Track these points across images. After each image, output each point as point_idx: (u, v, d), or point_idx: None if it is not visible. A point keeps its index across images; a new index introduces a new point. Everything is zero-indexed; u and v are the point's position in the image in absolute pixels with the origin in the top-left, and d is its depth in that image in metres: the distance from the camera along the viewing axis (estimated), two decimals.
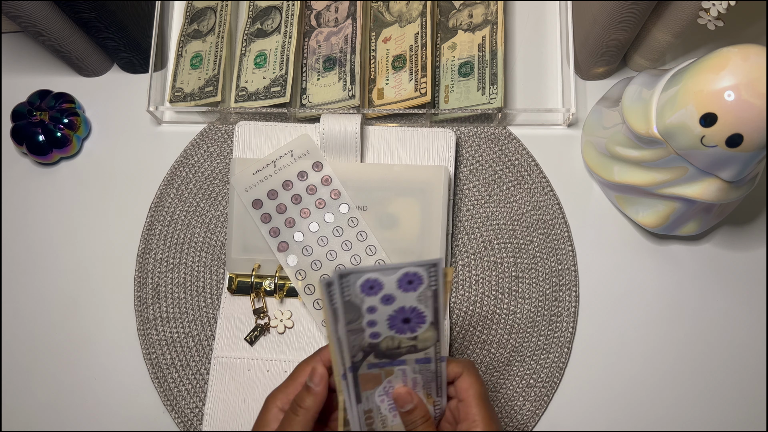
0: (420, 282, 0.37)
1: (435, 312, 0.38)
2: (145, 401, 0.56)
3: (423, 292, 0.37)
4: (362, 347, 0.39)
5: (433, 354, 0.40)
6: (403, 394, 0.41)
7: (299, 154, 0.55)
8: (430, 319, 0.38)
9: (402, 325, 0.38)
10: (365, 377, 0.40)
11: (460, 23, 0.59)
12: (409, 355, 0.40)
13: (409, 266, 0.36)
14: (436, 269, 0.36)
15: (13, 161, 0.62)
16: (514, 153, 0.59)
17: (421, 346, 0.40)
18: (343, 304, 0.36)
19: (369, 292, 0.36)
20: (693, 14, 0.50)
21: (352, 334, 0.38)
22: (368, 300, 0.37)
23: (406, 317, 0.38)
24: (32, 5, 0.53)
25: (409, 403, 0.41)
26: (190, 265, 0.58)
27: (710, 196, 0.47)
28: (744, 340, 0.55)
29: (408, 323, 0.38)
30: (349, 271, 0.35)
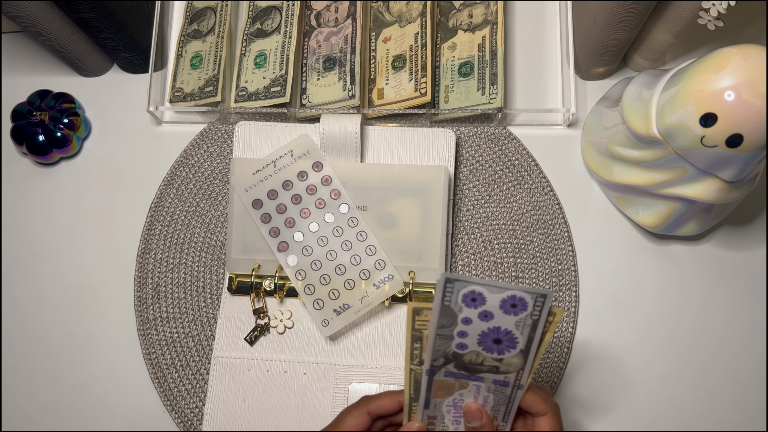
0: (524, 308, 0.36)
1: (528, 341, 0.38)
2: (145, 401, 0.56)
3: (523, 319, 0.37)
4: (446, 354, 0.39)
5: (513, 380, 0.40)
6: (474, 410, 0.41)
7: (299, 154, 0.55)
8: (521, 347, 0.38)
9: (492, 344, 0.38)
10: (439, 384, 0.40)
11: (460, 23, 0.59)
12: (489, 374, 0.40)
13: (518, 290, 0.36)
14: (543, 300, 0.36)
15: (13, 161, 0.62)
16: (514, 153, 0.59)
17: (504, 369, 0.39)
18: (441, 307, 0.36)
19: (470, 304, 0.36)
20: (693, 14, 0.50)
21: (440, 339, 0.38)
22: (466, 311, 0.36)
23: (498, 338, 0.38)
24: (32, 5, 0.53)
25: (478, 420, 0.41)
26: (190, 265, 0.58)
27: (710, 196, 0.47)
28: (744, 340, 0.55)
29: (498, 344, 0.38)
30: (457, 278, 0.35)
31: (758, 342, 0.55)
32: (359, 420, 0.42)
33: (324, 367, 0.54)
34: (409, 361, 0.40)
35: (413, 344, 0.40)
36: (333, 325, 0.53)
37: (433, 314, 0.37)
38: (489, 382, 0.40)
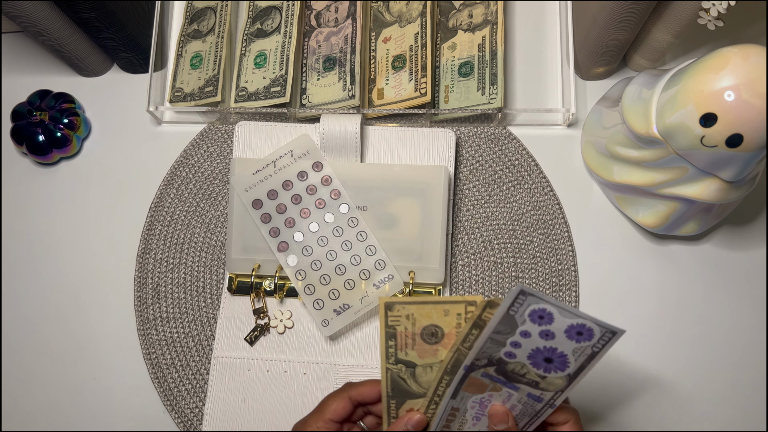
0: (588, 339, 0.36)
1: (579, 369, 0.37)
2: (145, 401, 0.56)
3: (583, 348, 0.36)
4: (490, 357, 0.38)
5: (548, 398, 0.39)
6: (501, 413, 0.41)
7: (299, 154, 0.55)
8: (569, 371, 0.37)
9: (542, 362, 0.37)
10: (473, 381, 0.40)
11: (460, 23, 0.59)
12: (527, 387, 0.39)
13: (589, 320, 0.35)
14: (611, 337, 0.35)
15: (13, 161, 0.62)
16: (514, 153, 0.59)
17: (544, 386, 0.39)
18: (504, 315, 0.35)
19: (535, 320, 0.35)
20: (693, 14, 0.50)
21: (491, 342, 0.37)
22: (529, 325, 0.36)
23: (550, 358, 0.37)
24: (32, 5, 0.53)
25: (504, 423, 0.41)
26: (190, 265, 0.58)
27: (710, 196, 0.47)
28: (744, 340, 0.55)
29: (548, 363, 0.37)
30: (532, 292, 0.34)
31: (758, 342, 0.55)
32: (341, 405, 0.42)
33: (324, 367, 0.54)
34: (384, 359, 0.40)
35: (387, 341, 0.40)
36: (333, 325, 0.53)
37: (494, 318, 0.36)
38: (523, 394, 0.40)
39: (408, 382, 0.41)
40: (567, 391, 0.38)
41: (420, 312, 0.40)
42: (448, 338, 0.40)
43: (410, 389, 0.41)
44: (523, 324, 0.36)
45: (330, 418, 0.42)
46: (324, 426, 0.42)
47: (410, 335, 0.40)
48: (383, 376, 0.41)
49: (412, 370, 0.41)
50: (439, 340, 0.40)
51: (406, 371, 0.41)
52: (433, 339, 0.40)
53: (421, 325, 0.40)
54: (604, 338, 0.35)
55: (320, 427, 0.42)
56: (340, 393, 0.43)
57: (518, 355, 0.37)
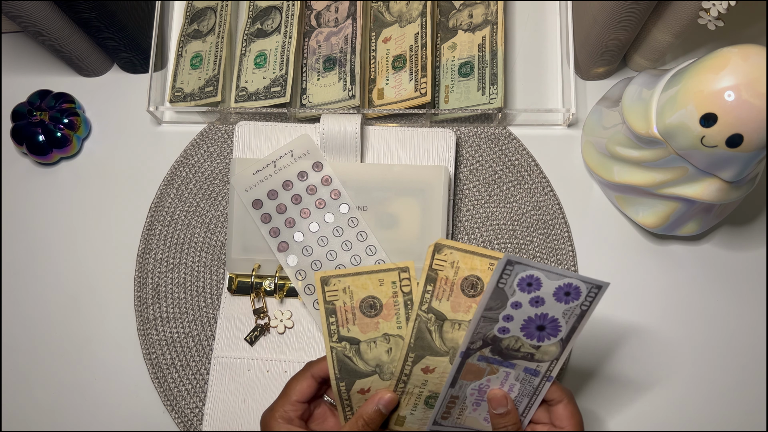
0: (576, 297, 0.36)
1: (571, 331, 0.38)
2: (145, 401, 0.56)
3: (572, 308, 0.37)
4: (485, 337, 0.39)
5: (545, 369, 0.40)
6: (499, 397, 0.41)
7: (299, 154, 0.55)
8: (562, 335, 0.38)
9: (534, 330, 0.38)
10: (470, 367, 0.40)
11: (460, 23, 0.59)
12: (522, 361, 0.40)
13: (575, 278, 0.36)
14: (597, 291, 0.36)
15: (13, 161, 0.62)
16: (514, 153, 0.59)
17: (539, 357, 0.39)
18: (494, 289, 0.36)
19: (524, 288, 0.36)
20: (693, 14, 0.50)
21: (484, 321, 0.37)
22: (519, 295, 0.36)
23: (543, 325, 0.38)
24: (32, 5, 0.53)
25: (503, 407, 0.41)
26: (190, 265, 0.58)
27: (710, 196, 0.47)
28: (744, 340, 0.55)
29: (541, 331, 0.38)
30: (518, 260, 0.35)
31: (758, 342, 0.55)
32: (305, 384, 0.42)
33: None
34: (327, 338, 0.40)
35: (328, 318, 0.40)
36: None
37: (484, 296, 0.36)
38: (520, 370, 0.40)
39: (354, 360, 0.41)
40: (561, 358, 0.39)
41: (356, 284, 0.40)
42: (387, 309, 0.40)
43: (357, 368, 0.41)
44: (513, 295, 0.36)
45: (297, 399, 0.42)
46: (292, 409, 0.42)
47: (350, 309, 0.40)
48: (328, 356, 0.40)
49: (356, 347, 0.41)
50: (378, 312, 0.40)
51: (351, 348, 0.41)
52: (372, 311, 0.40)
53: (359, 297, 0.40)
54: (591, 294, 0.36)
55: (288, 411, 0.42)
56: (303, 373, 0.43)
57: (512, 329, 0.38)
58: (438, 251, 0.39)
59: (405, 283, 0.40)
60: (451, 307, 0.40)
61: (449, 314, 0.40)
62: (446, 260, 0.39)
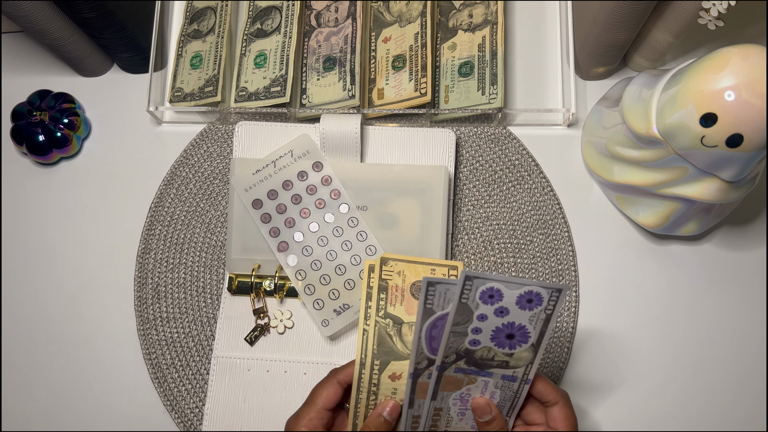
0: (539, 303, 0.37)
1: (540, 335, 0.38)
2: (145, 401, 0.56)
3: (537, 313, 0.37)
4: (458, 350, 0.39)
5: (521, 374, 0.40)
6: (482, 405, 0.42)
7: (299, 154, 0.55)
8: (532, 341, 0.39)
9: (504, 339, 0.39)
10: (448, 379, 0.41)
11: (460, 23, 0.59)
12: (499, 369, 0.40)
13: (534, 285, 0.36)
14: (558, 295, 0.37)
15: (13, 161, 0.62)
16: (514, 153, 0.59)
17: (513, 363, 0.40)
18: (458, 305, 0.36)
19: (487, 301, 0.37)
20: (693, 14, 0.50)
21: (454, 336, 0.38)
22: (483, 308, 0.37)
23: (512, 333, 0.38)
24: (32, 5, 0.53)
25: (488, 414, 0.42)
26: (190, 265, 0.58)
27: (710, 196, 0.47)
28: (744, 340, 0.55)
29: (510, 339, 0.39)
30: (476, 275, 0.35)
31: (758, 342, 0.55)
32: (331, 391, 0.42)
33: (324, 367, 0.54)
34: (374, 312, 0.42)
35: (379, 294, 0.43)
36: (333, 325, 0.53)
37: (450, 312, 0.37)
38: (497, 378, 0.41)
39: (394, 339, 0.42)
40: (536, 361, 0.40)
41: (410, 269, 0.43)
42: None
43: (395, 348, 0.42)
44: (477, 308, 0.37)
45: (323, 407, 0.42)
46: (317, 416, 0.42)
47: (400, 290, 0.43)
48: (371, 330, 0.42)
49: (398, 327, 0.42)
50: None
51: (393, 327, 0.42)
52: None
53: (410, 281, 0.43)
54: (553, 298, 0.37)
55: (313, 419, 0.42)
56: (329, 380, 0.43)
57: (482, 341, 0.39)
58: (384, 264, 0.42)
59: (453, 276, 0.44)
60: (406, 310, 0.42)
61: (405, 317, 0.42)
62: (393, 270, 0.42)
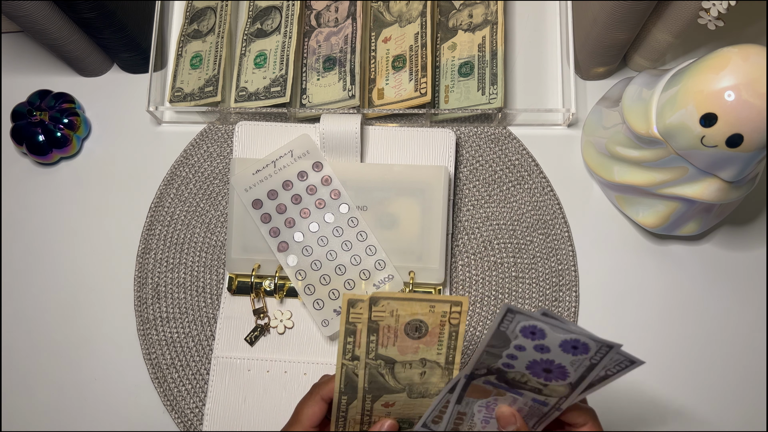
0: (585, 352, 0.35)
1: (580, 378, 0.37)
2: (145, 401, 0.56)
3: (581, 360, 0.35)
4: (489, 367, 0.38)
5: (554, 403, 0.39)
6: (507, 415, 0.40)
7: (299, 154, 0.55)
8: (570, 380, 0.37)
9: (541, 372, 0.37)
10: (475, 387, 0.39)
11: (460, 23, 0.59)
12: (530, 392, 0.39)
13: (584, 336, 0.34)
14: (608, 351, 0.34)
15: (13, 161, 0.62)
16: (514, 153, 0.59)
17: (547, 392, 0.38)
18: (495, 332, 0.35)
19: (528, 335, 0.35)
20: (693, 14, 0.50)
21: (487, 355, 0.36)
22: (521, 340, 0.35)
23: (549, 368, 0.36)
24: (32, 5, 0.53)
25: (512, 425, 0.40)
26: (190, 265, 0.58)
27: (710, 196, 0.47)
28: (744, 340, 0.55)
29: (548, 373, 0.37)
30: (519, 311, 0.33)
31: (758, 342, 0.55)
32: (316, 408, 0.41)
33: (324, 368, 0.54)
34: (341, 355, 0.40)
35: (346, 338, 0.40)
36: (333, 325, 0.53)
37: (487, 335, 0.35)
38: (528, 398, 0.39)
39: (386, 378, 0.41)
40: (571, 397, 0.38)
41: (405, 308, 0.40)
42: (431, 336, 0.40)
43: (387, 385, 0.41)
44: (515, 339, 0.35)
45: (309, 425, 0.41)
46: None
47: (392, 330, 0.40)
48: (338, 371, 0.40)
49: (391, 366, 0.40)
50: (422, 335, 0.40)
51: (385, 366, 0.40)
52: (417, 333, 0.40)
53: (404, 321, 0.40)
54: (601, 352, 0.35)
55: None
56: (311, 397, 0.42)
57: (516, 366, 0.37)
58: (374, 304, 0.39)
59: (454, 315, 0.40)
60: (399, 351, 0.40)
61: (398, 357, 0.40)
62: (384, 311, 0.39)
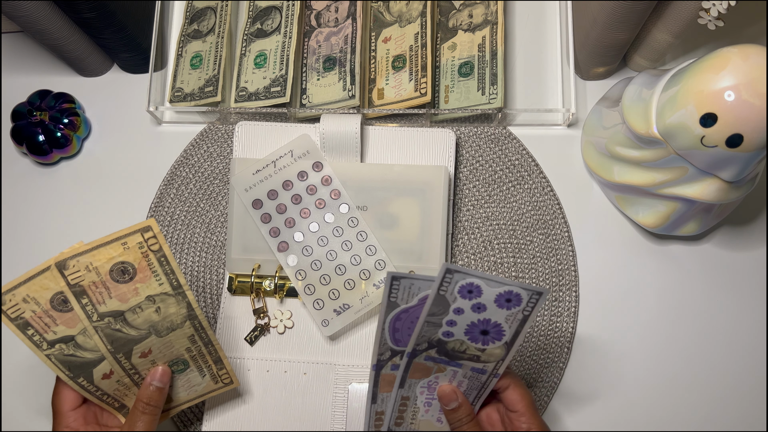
0: (518, 304, 0.37)
1: (515, 335, 0.39)
2: None
3: (514, 314, 0.37)
4: (430, 339, 0.39)
5: (491, 368, 0.41)
6: (449, 393, 0.42)
7: (299, 154, 0.55)
8: (506, 339, 0.39)
9: (478, 335, 0.39)
10: (417, 366, 0.41)
11: (460, 23, 0.59)
12: (469, 362, 0.40)
13: (515, 286, 0.36)
14: (538, 298, 0.37)
15: (13, 161, 0.62)
16: (514, 153, 0.59)
17: (485, 358, 0.40)
18: (436, 296, 0.36)
19: (465, 295, 0.37)
20: (693, 14, 0.50)
21: (428, 326, 0.38)
22: (460, 301, 0.37)
23: (486, 330, 0.38)
24: (32, 5, 0.53)
25: (454, 401, 0.42)
26: (190, 265, 0.58)
27: (710, 196, 0.47)
28: (744, 340, 0.55)
29: (485, 335, 0.39)
30: (457, 269, 0.35)
31: (758, 342, 0.55)
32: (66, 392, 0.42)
33: (324, 367, 0.54)
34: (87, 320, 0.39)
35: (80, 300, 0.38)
36: (333, 325, 0.53)
37: (427, 302, 0.37)
38: (467, 369, 0.41)
39: (125, 330, 0.39)
40: (507, 358, 0.40)
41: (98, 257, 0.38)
42: (141, 271, 0.39)
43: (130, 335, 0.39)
44: (454, 301, 0.37)
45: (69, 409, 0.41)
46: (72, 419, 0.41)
47: (101, 284, 0.38)
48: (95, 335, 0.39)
49: (122, 318, 0.39)
50: (133, 276, 0.39)
51: (117, 321, 0.39)
52: (126, 276, 0.38)
53: (106, 269, 0.38)
54: (532, 301, 0.37)
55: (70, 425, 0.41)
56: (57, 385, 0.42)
57: (455, 333, 0.39)
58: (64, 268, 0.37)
59: (152, 242, 0.38)
60: (120, 300, 0.39)
61: (123, 307, 0.39)
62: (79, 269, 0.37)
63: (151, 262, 0.39)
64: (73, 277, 0.37)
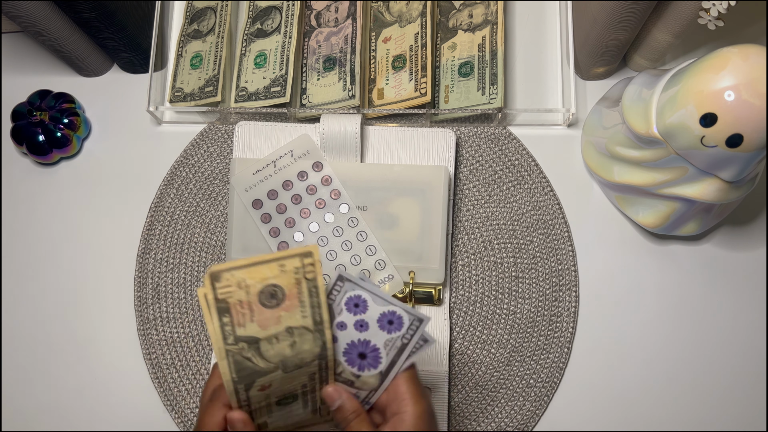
0: (399, 328, 0.37)
1: (390, 365, 0.38)
2: (145, 401, 0.56)
3: (393, 339, 0.37)
4: None
5: (363, 397, 0.40)
6: (331, 392, 0.40)
7: (299, 154, 0.55)
8: (381, 369, 0.38)
9: (356, 357, 0.38)
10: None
11: (460, 23, 0.59)
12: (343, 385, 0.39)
13: (400, 307, 0.36)
14: (418, 325, 0.36)
15: (13, 161, 0.62)
16: (514, 153, 0.59)
17: (358, 385, 0.39)
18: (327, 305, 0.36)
19: (351, 309, 0.37)
20: (693, 14, 0.50)
21: None
22: (345, 315, 0.37)
23: (364, 353, 0.38)
24: (32, 5, 0.53)
25: (338, 400, 0.40)
26: (190, 265, 0.58)
27: (710, 196, 0.47)
28: (744, 340, 0.55)
29: (362, 359, 0.38)
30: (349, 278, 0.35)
31: (758, 342, 0.55)
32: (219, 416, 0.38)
33: None
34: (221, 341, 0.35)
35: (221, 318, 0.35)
36: None
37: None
38: None
39: (254, 360, 0.36)
40: (380, 390, 0.39)
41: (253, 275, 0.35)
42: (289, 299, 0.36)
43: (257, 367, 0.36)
44: (339, 314, 0.37)
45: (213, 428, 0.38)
46: None
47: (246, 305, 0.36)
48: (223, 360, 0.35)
49: (256, 346, 0.36)
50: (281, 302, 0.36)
51: (250, 349, 0.36)
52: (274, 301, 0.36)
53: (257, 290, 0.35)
54: (412, 327, 0.37)
55: None
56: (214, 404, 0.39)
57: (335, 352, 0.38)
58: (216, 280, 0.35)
59: (309, 269, 0.36)
60: (259, 326, 0.36)
61: (261, 334, 0.36)
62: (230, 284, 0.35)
63: (301, 290, 0.36)
64: (222, 291, 0.35)
